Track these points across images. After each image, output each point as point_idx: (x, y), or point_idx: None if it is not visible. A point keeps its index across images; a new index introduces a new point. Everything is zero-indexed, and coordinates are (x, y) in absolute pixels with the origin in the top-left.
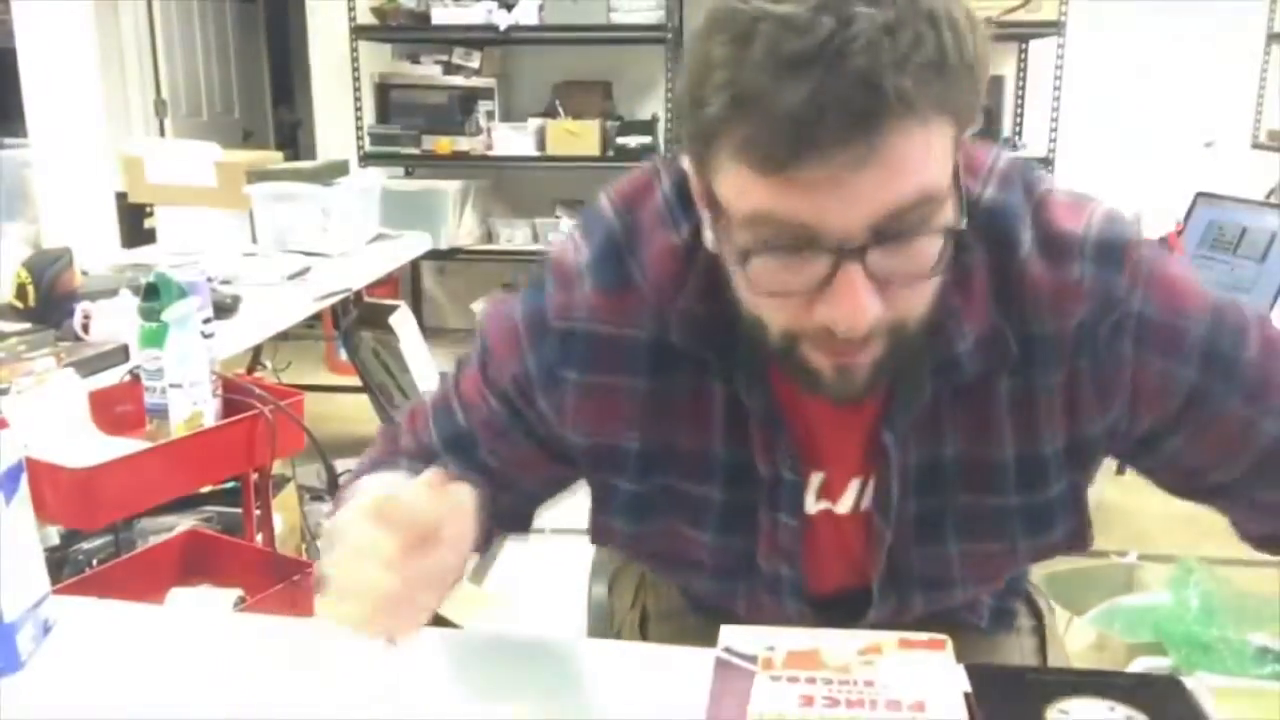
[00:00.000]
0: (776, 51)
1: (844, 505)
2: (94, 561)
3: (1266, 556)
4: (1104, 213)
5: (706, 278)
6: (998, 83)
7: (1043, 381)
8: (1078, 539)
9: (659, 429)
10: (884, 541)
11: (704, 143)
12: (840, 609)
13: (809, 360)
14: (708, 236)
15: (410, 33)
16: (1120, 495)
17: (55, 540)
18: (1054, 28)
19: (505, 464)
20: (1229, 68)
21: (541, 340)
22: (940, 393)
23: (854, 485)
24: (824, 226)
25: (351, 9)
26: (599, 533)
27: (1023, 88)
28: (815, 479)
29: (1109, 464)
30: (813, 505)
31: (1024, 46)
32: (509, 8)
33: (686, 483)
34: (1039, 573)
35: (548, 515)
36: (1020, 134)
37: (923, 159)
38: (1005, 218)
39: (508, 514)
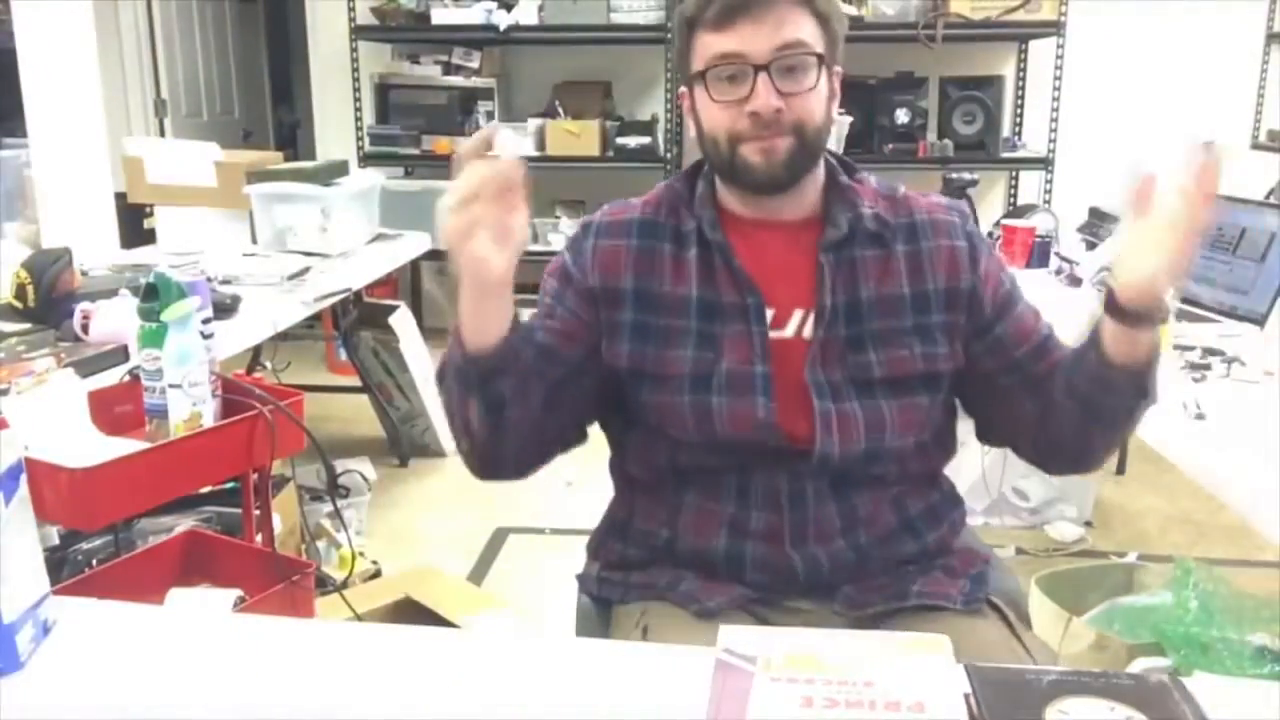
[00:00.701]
0: None
1: (789, 330)
2: (94, 561)
3: (1267, 558)
4: None
5: (683, 178)
6: (998, 83)
7: (927, 248)
8: (956, 359)
9: (647, 277)
10: (821, 349)
11: (687, 37)
12: (800, 449)
13: (746, 159)
14: (689, 127)
15: (410, 33)
16: (1120, 496)
17: (55, 540)
18: (1054, 28)
19: (553, 335)
20: (1229, 68)
21: (575, 243)
22: (855, 237)
23: (797, 315)
24: (747, 53)
25: (351, 9)
26: (613, 359)
27: (1023, 88)
28: (769, 313)
29: (1109, 465)
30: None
31: (1024, 46)
32: (509, 8)
33: (668, 317)
34: (1037, 572)
35: (547, 516)
36: (1020, 134)
37: (800, 23)
38: (887, 185)
39: (565, 397)
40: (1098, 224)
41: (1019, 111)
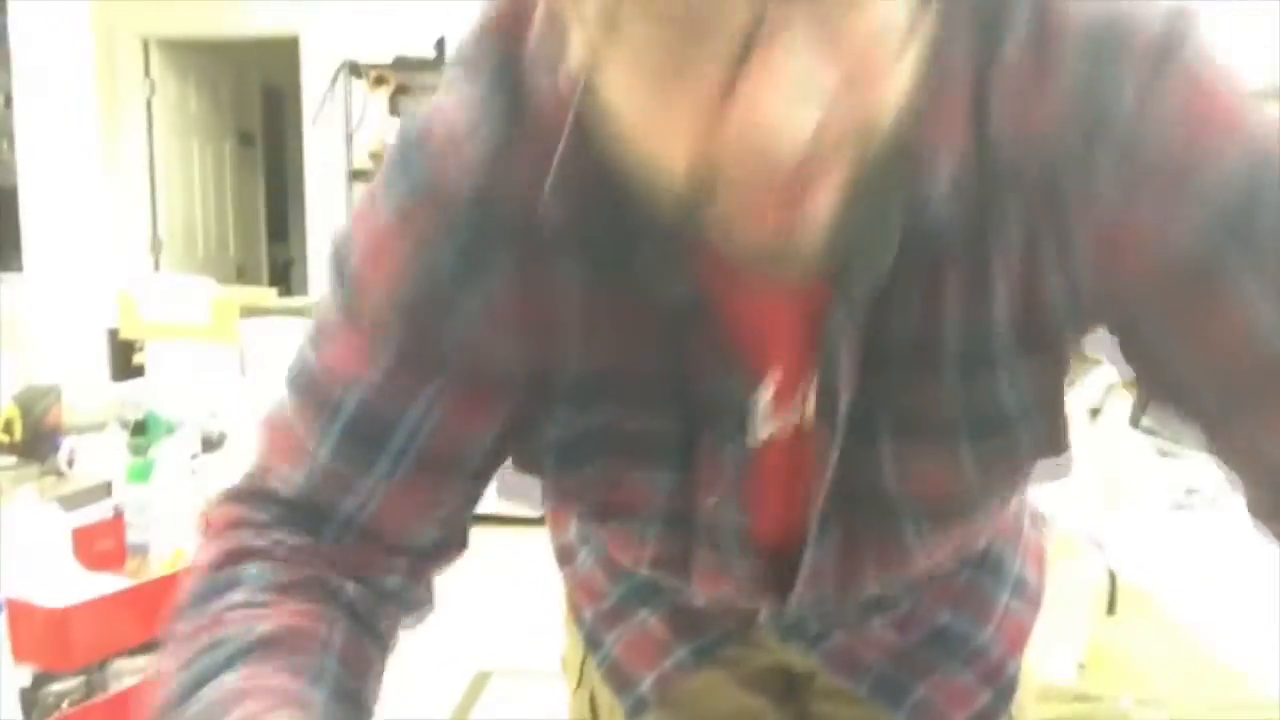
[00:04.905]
0: None
1: (794, 415)
2: (65, 704)
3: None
4: None
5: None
6: None
7: (1001, 224)
8: (1046, 447)
9: (598, 340)
10: (829, 452)
11: None
12: (787, 563)
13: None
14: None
15: None
16: (1113, 636)
17: (28, 681)
18: None
19: (437, 431)
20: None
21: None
22: (904, 250)
23: (769, 388)
24: None
25: (350, 154)
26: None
27: None
28: (765, 389)
29: (1099, 604)
30: (764, 424)
31: None
32: None
33: (628, 411)
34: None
35: (538, 654)
36: None
37: None
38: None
39: (453, 523)
40: None
41: None
